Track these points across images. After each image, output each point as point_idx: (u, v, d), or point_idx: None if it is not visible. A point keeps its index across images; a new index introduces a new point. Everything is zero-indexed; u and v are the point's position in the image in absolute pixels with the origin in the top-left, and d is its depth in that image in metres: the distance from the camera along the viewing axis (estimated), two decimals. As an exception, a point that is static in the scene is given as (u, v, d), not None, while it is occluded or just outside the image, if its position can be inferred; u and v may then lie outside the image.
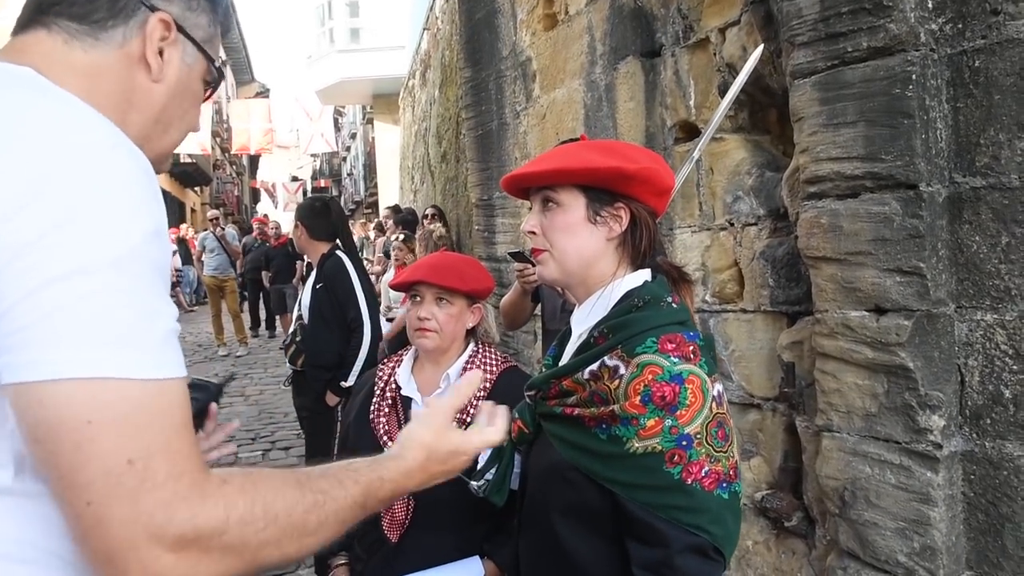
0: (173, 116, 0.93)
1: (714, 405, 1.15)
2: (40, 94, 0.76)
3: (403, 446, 0.97)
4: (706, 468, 1.13)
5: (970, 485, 1.88)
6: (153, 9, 0.87)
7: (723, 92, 2.73)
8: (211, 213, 12.36)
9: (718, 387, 1.18)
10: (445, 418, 1.02)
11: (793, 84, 2.14)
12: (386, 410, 1.84)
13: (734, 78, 2.65)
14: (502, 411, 1.11)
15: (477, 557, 1.70)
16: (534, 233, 1.30)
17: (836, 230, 2.02)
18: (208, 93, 0.99)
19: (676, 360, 1.15)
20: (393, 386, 1.88)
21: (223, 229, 11.58)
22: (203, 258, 11.00)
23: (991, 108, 1.80)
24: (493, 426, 1.07)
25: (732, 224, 2.72)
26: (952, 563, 1.87)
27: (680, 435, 1.12)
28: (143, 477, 0.66)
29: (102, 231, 0.68)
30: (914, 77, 1.86)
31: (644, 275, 1.29)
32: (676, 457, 1.12)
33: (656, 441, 1.12)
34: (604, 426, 1.17)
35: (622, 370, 1.16)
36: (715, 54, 2.80)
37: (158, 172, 0.91)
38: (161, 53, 0.88)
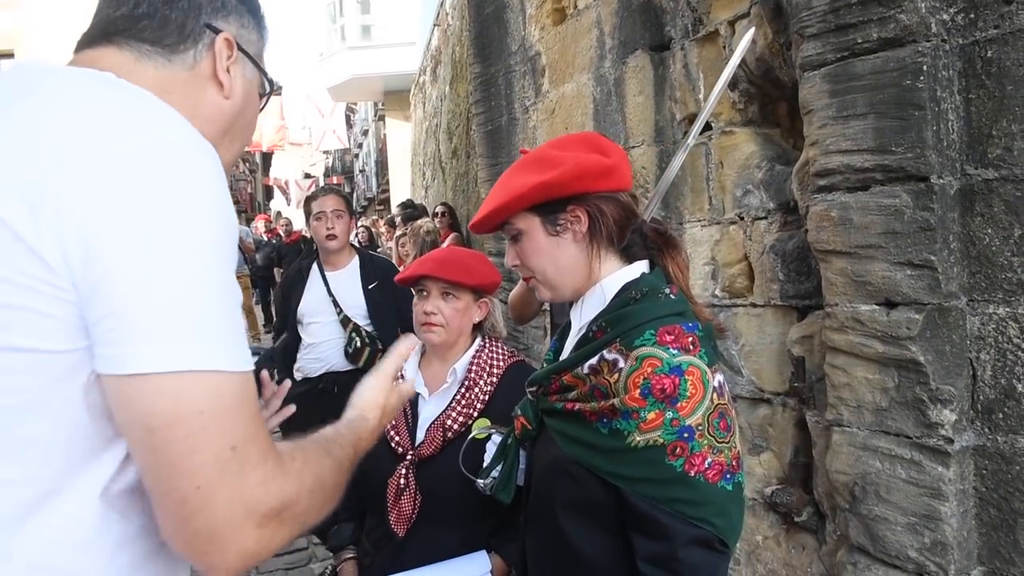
0: (238, 128, 0.99)
1: (715, 396, 1.15)
2: (134, 95, 0.81)
3: (363, 408, 1.08)
4: (709, 460, 1.13)
5: (982, 480, 1.86)
6: (217, 31, 0.94)
7: (732, 85, 2.72)
8: None
9: (719, 377, 1.18)
10: (389, 380, 1.15)
11: (803, 76, 2.13)
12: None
13: (744, 71, 2.63)
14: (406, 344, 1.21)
15: (484, 551, 1.70)
16: (516, 265, 1.34)
17: (846, 223, 2.01)
18: (263, 103, 1.06)
19: (675, 352, 1.14)
20: (400, 380, 1.87)
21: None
22: None
23: (1003, 99, 1.78)
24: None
25: (742, 218, 2.71)
26: (963, 558, 1.85)
27: (681, 427, 1.12)
28: (243, 461, 0.73)
29: (200, 222, 0.74)
30: (925, 68, 1.84)
31: (641, 267, 1.29)
32: (678, 449, 1.12)
33: (657, 434, 1.12)
34: (605, 420, 1.17)
35: (621, 363, 1.16)
36: (724, 47, 2.79)
37: None
38: (229, 72, 0.94)
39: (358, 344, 3.38)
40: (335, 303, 3.44)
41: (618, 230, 1.28)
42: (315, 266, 3.56)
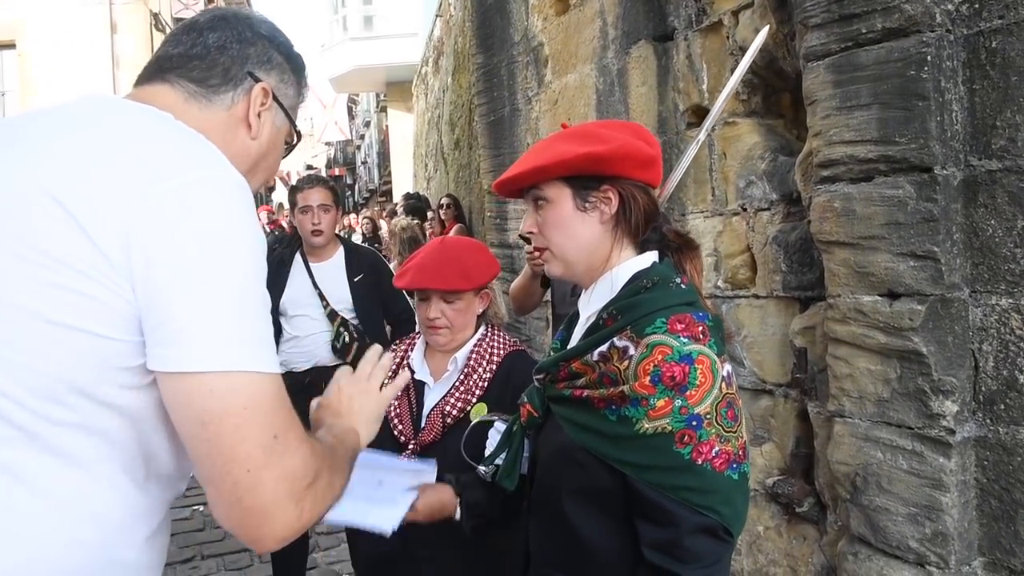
0: (262, 168, 1.11)
1: (724, 385, 1.15)
2: (190, 136, 0.95)
3: (348, 422, 1.18)
4: (716, 448, 1.13)
5: (983, 471, 1.86)
6: (257, 80, 1.06)
7: (736, 76, 2.71)
8: None
9: (727, 367, 1.18)
10: (375, 388, 1.24)
11: (806, 67, 2.12)
12: (399, 392, 1.85)
13: (747, 61, 2.62)
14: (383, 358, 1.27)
15: (434, 460, 1.67)
16: (532, 233, 1.32)
17: (849, 214, 2.01)
18: (287, 151, 1.18)
19: (686, 340, 1.14)
20: (406, 368, 1.89)
21: None
22: None
23: (1008, 89, 1.78)
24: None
25: (745, 209, 2.70)
26: (964, 549, 1.86)
27: (690, 415, 1.12)
28: (285, 446, 0.86)
29: (242, 246, 0.87)
30: (929, 59, 1.83)
31: (652, 256, 1.29)
32: (686, 437, 1.12)
33: (666, 421, 1.12)
34: (614, 407, 1.17)
35: (631, 351, 1.16)
36: (728, 37, 2.78)
37: None
38: (259, 115, 1.07)
39: (346, 339, 3.29)
40: (321, 296, 3.32)
41: (644, 222, 1.27)
42: (298, 256, 3.41)
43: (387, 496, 1.59)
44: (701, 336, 1.16)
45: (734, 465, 1.15)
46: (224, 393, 0.82)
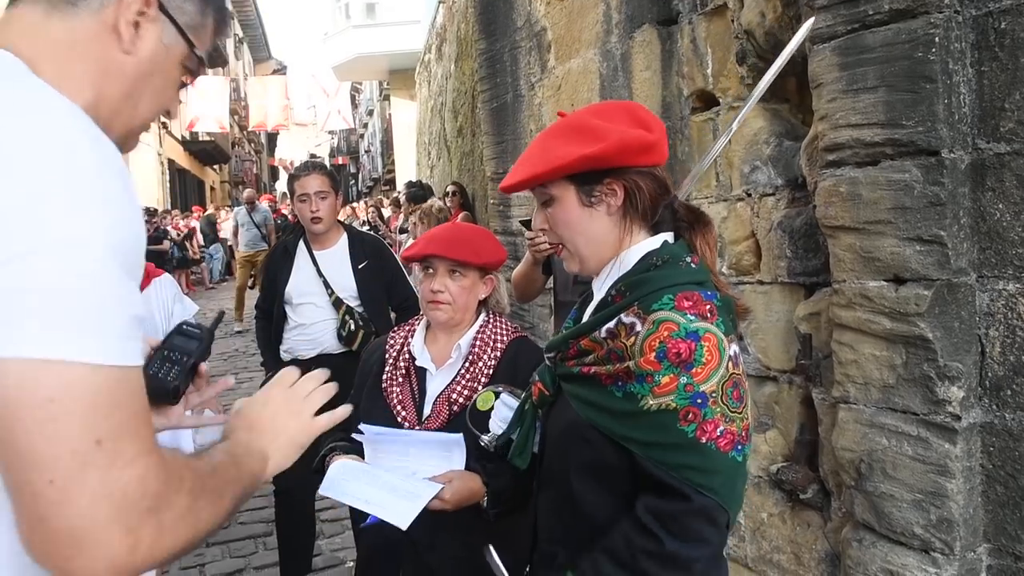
0: (144, 93, 0.91)
1: (730, 365, 1.15)
2: (15, 84, 0.77)
3: (259, 441, 0.97)
4: (721, 428, 1.12)
5: (989, 457, 1.85)
6: None
7: (740, 60, 2.68)
8: (248, 192, 12.26)
9: (734, 347, 1.18)
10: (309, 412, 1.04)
11: (812, 49, 2.09)
12: (399, 379, 1.85)
13: (752, 45, 2.59)
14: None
15: (461, 435, 1.68)
16: (545, 230, 1.32)
17: (855, 199, 1.98)
18: (188, 81, 0.98)
19: (692, 318, 1.14)
20: (407, 355, 1.88)
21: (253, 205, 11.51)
22: (238, 234, 11.07)
23: (1017, 71, 1.75)
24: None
25: (749, 195, 2.68)
26: (969, 535, 1.85)
27: (695, 392, 1.11)
28: (113, 456, 0.67)
29: (67, 217, 0.68)
30: (937, 40, 1.80)
31: (664, 237, 1.28)
32: (691, 415, 1.11)
33: (671, 398, 1.11)
34: (620, 383, 1.17)
35: (638, 327, 1.16)
36: (733, 21, 2.74)
37: (126, 150, 0.93)
38: (137, 27, 0.88)
39: (352, 327, 3.28)
40: (326, 284, 3.32)
41: (652, 206, 1.27)
42: (301, 244, 3.40)
43: (410, 489, 1.60)
44: (709, 314, 1.15)
45: (738, 447, 1.14)
46: (18, 381, 0.65)
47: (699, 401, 1.11)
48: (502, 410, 1.62)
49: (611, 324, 1.20)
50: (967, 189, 1.84)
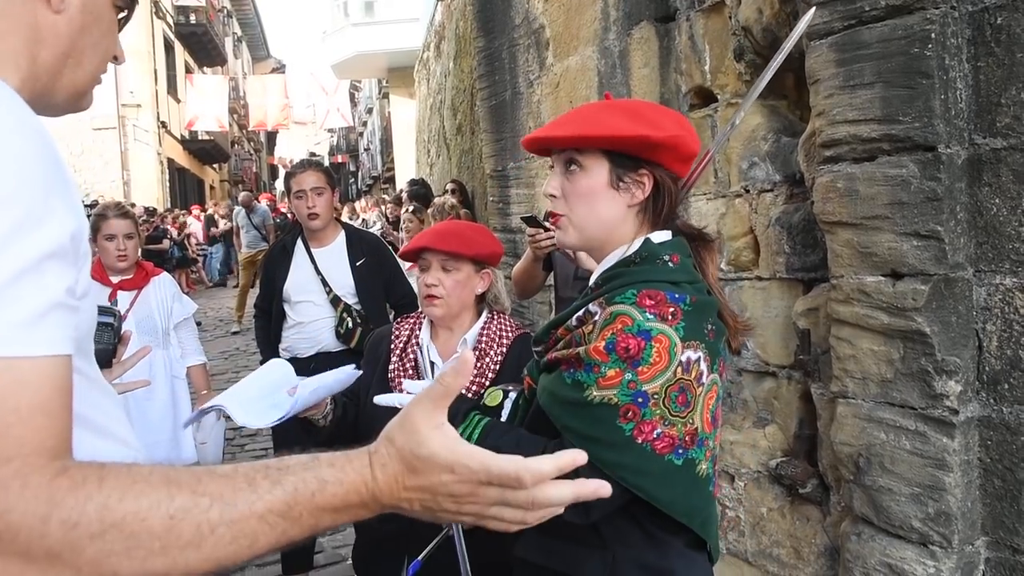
0: (84, 48, 0.85)
1: (679, 370, 1.13)
2: None
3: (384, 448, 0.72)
4: (658, 430, 1.12)
5: (986, 451, 1.86)
6: None
7: (738, 56, 2.68)
8: (243, 195, 12.25)
9: (690, 354, 1.14)
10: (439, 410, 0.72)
11: (809, 45, 2.10)
12: (408, 371, 1.86)
13: (750, 41, 2.60)
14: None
15: (352, 366, 1.75)
16: (554, 196, 1.28)
17: (852, 194, 1.99)
18: (122, 17, 0.91)
19: (651, 316, 1.13)
20: (415, 347, 1.89)
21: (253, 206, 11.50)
22: (240, 236, 11.09)
23: (1013, 67, 1.76)
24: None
25: (747, 191, 2.69)
26: (967, 528, 1.86)
27: (637, 391, 1.11)
28: None
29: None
30: (933, 36, 1.81)
31: (662, 236, 1.28)
32: (630, 413, 1.11)
33: (613, 392, 1.12)
34: (572, 370, 1.17)
35: (598, 316, 1.17)
36: (731, 18, 2.75)
37: (78, 110, 0.89)
38: None
39: (350, 325, 3.27)
40: (324, 282, 3.31)
41: (669, 214, 1.27)
42: (299, 242, 3.40)
43: (279, 401, 1.60)
44: (670, 316, 1.14)
45: (679, 451, 1.13)
46: None
47: (640, 400, 1.11)
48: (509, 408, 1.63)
49: (580, 312, 1.22)
50: (964, 184, 1.85)
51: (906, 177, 1.87)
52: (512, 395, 1.64)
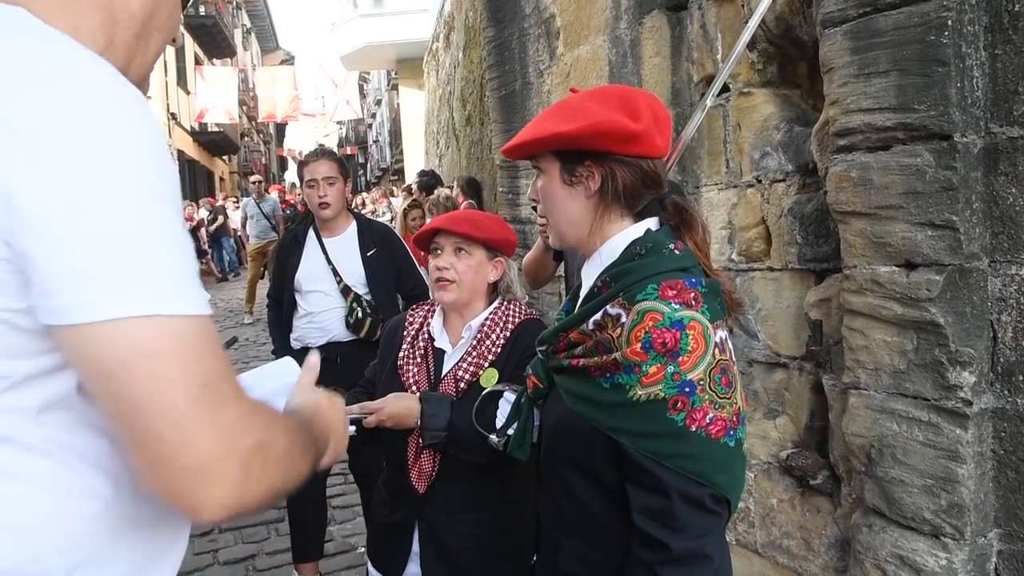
0: (152, 30, 0.87)
1: (716, 351, 1.15)
2: (44, 40, 0.74)
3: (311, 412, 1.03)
4: (711, 415, 1.13)
5: (1000, 442, 1.85)
6: None
7: (751, 45, 2.66)
8: (254, 178, 12.22)
9: (720, 333, 1.17)
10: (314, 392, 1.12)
11: (823, 34, 2.08)
12: (417, 359, 1.87)
13: (763, 30, 2.58)
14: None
15: (290, 358, 1.71)
16: (536, 201, 1.35)
17: (866, 184, 1.98)
18: (185, 2, 0.94)
19: (677, 306, 1.14)
20: (426, 336, 1.90)
21: (263, 196, 11.49)
22: (247, 226, 11.09)
23: (1031, 54, 1.73)
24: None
25: (759, 181, 2.67)
26: (980, 520, 1.85)
27: (683, 381, 1.12)
28: (218, 397, 0.72)
29: (128, 171, 0.69)
30: (950, 23, 1.79)
31: (649, 223, 1.28)
32: (679, 404, 1.12)
33: (659, 388, 1.12)
34: (608, 375, 1.17)
35: (624, 318, 1.16)
36: (743, 6, 2.73)
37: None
38: None
39: (359, 315, 3.29)
40: (335, 272, 3.33)
41: (629, 197, 1.26)
42: (311, 232, 3.40)
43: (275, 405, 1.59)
44: (693, 302, 1.15)
45: (730, 432, 1.14)
46: (127, 339, 0.68)
47: (687, 390, 1.12)
48: (505, 408, 1.64)
49: (598, 316, 1.21)
50: (980, 173, 1.83)
51: (921, 166, 1.86)
52: (507, 394, 1.64)
